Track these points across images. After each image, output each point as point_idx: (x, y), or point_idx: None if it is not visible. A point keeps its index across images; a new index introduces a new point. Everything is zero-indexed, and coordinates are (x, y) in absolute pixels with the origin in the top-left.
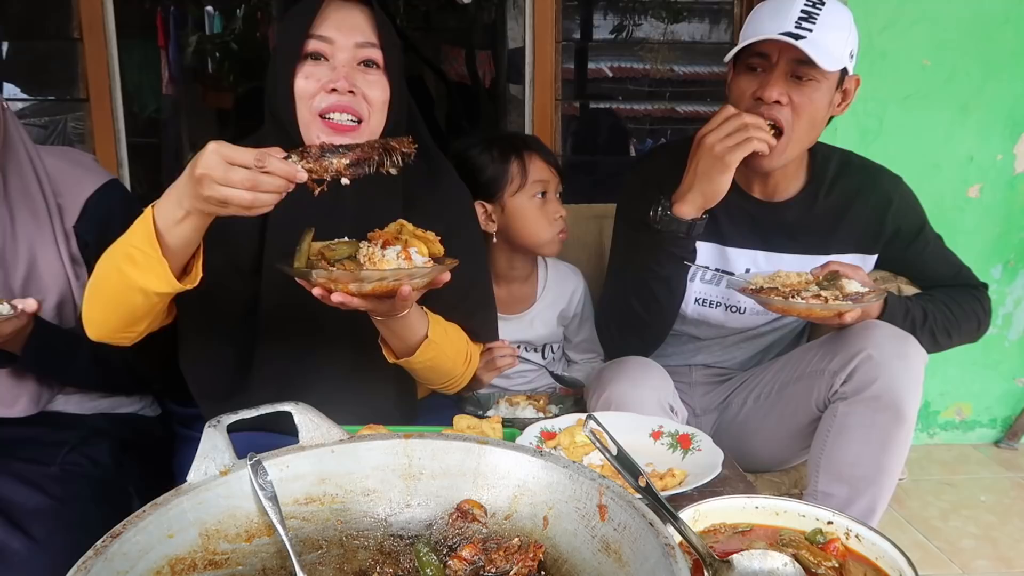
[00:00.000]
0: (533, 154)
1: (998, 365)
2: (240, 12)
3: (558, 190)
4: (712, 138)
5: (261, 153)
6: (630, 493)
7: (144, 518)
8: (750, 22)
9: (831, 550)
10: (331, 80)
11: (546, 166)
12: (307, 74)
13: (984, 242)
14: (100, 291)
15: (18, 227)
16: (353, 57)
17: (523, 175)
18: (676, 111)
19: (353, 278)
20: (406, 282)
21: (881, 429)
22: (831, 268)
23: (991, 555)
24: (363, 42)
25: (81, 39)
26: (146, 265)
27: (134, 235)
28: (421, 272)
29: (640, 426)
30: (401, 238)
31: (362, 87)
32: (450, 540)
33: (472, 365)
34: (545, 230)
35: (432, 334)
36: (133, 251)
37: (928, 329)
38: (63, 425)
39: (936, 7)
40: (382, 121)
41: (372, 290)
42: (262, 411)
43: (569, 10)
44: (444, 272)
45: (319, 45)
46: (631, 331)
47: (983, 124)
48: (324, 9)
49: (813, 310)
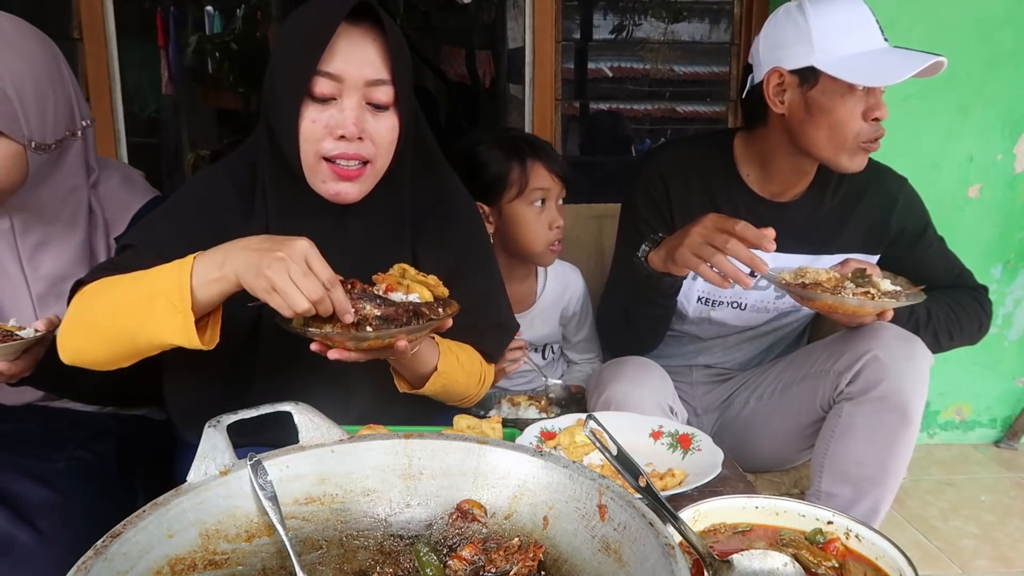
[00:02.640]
0: (536, 161)
1: (998, 365)
2: (240, 12)
3: (560, 197)
4: (696, 233)
5: (333, 278)
6: (630, 493)
7: (144, 518)
8: (828, 36)
9: (831, 550)
10: (339, 125)
11: (548, 174)
12: (314, 117)
13: (984, 242)
14: (97, 326)
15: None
16: (363, 96)
17: (523, 182)
18: (676, 111)
19: (349, 337)
20: (402, 337)
21: (887, 430)
22: (853, 265)
23: (991, 555)
24: (374, 79)
25: (81, 39)
26: (168, 316)
27: (161, 279)
28: (417, 328)
29: (640, 426)
30: (403, 283)
31: (371, 130)
32: (450, 540)
33: (486, 385)
34: (539, 240)
35: (442, 365)
36: (156, 296)
37: (931, 330)
38: (71, 422)
39: (936, 7)
40: (389, 158)
41: (368, 346)
42: (262, 411)
43: (569, 10)
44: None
45: (327, 87)
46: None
47: (983, 124)
48: (334, 37)
49: (865, 307)
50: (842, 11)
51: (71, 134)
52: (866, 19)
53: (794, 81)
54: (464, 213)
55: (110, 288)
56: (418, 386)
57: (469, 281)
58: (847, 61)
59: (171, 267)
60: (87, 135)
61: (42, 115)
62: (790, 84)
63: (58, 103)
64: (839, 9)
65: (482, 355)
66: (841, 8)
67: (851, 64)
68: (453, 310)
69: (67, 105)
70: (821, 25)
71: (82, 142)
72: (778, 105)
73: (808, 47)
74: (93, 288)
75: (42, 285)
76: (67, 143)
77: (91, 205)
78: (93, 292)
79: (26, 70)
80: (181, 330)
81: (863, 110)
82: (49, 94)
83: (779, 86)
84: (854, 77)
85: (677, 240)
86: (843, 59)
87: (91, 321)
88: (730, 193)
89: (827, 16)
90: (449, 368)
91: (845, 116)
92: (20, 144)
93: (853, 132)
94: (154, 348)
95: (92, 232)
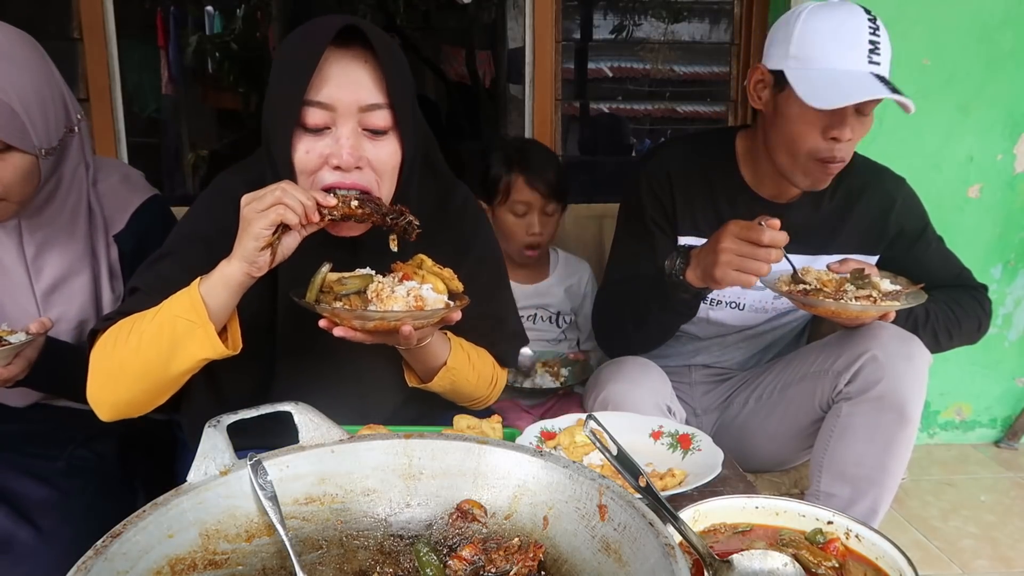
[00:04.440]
0: (519, 176)
1: (998, 365)
2: (240, 12)
3: (547, 209)
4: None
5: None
6: (630, 493)
7: (144, 518)
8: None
9: (831, 550)
10: (334, 155)
11: (529, 189)
12: (308, 148)
13: (984, 242)
14: (125, 369)
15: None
16: (359, 123)
17: (507, 192)
18: (676, 111)
19: (356, 315)
20: (407, 322)
21: (885, 430)
22: (852, 265)
23: (991, 555)
24: (368, 104)
25: (81, 39)
26: (188, 332)
27: (174, 306)
28: (423, 315)
29: (640, 426)
30: (420, 273)
31: (370, 156)
32: (450, 540)
33: (497, 388)
34: (514, 244)
35: (452, 361)
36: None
37: (930, 329)
38: (72, 421)
39: (936, 7)
40: (393, 183)
41: (374, 327)
42: (262, 411)
43: (569, 10)
44: (454, 312)
45: (319, 117)
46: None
47: (983, 124)
48: (322, 64)
49: (868, 311)
50: (832, 24)
51: (69, 131)
52: (855, 38)
53: (771, 80)
54: (476, 227)
55: (127, 329)
56: (427, 381)
57: (482, 292)
58: (813, 74)
59: (180, 294)
60: (81, 128)
61: (46, 121)
62: (768, 83)
63: (56, 104)
64: (831, 22)
65: (496, 359)
66: (833, 21)
67: (813, 78)
68: (463, 303)
69: (62, 104)
70: (804, 32)
71: (78, 137)
72: (756, 100)
73: (786, 50)
74: (110, 335)
75: (45, 284)
76: (67, 139)
77: (90, 204)
78: (111, 339)
79: (28, 81)
80: (205, 341)
81: (823, 127)
82: (48, 99)
83: (760, 82)
84: (801, 90)
85: (710, 258)
86: (811, 71)
87: (118, 366)
88: (731, 193)
89: (815, 25)
90: (459, 364)
91: (802, 128)
92: (33, 155)
93: (808, 146)
94: (185, 371)
95: (92, 231)
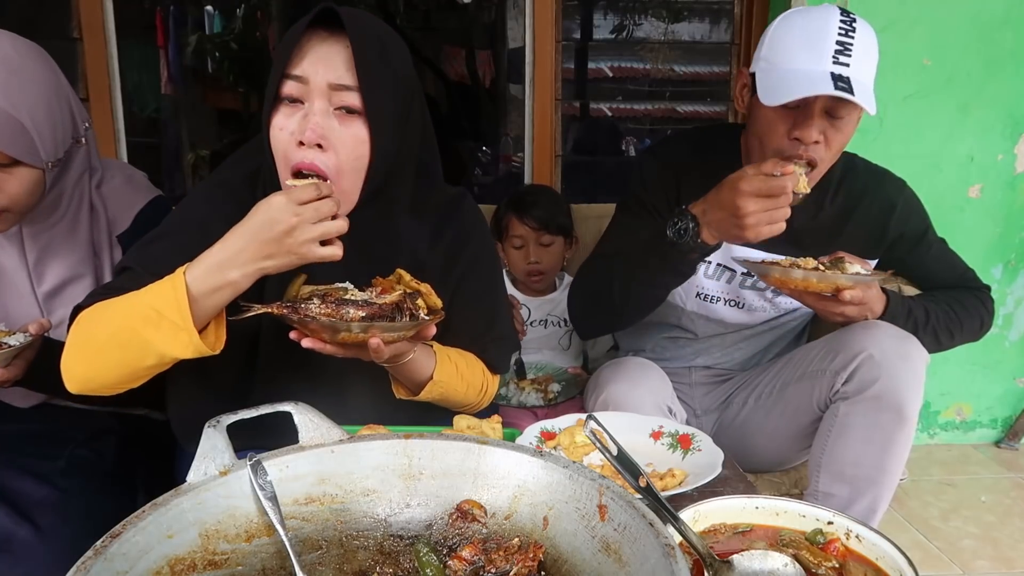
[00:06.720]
0: (512, 216)
1: (998, 365)
2: (240, 12)
3: (540, 241)
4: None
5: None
6: (630, 493)
7: (144, 518)
8: (778, 46)
9: (831, 550)
10: (299, 131)
11: (520, 224)
12: (280, 124)
13: (984, 242)
14: (100, 351)
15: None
16: (328, 101)
17: (507, 229)
18: (676, 111)
19: (325, 325)
20: (376, 335)
21: (882, 429)
22: (838, 254)
23: (991, 555)
24: (337, 84)
25: (81, 39)
26: (170, 332)
27: (157, 299)
28: (391, 328)
29: (640, 426)
30: (398, 288)
31: (334, 138)
32: (450, 540)
33: (488, 395)
34: (516, 270)
35: (438, 374)
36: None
37: (931, 329)
38: (72, 420)
39: (936, 7)
40: (356, 174)
41: (343, 339)
42: (262, 411)
43: (569, 10)
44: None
45: (293, 88)
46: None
47: (983, 124)
48: (304, 42)
49: (809, 280)
50: (800, 25)
51: (76, 141)
52: (820, 38)
53: (750, 82)
54: (473, 226)
55: (108, 312)
56: (416, 393)
57: (475, 294)
58: (775, 74)
59: (164, 284)
60: (88, 137)
61: (54, 135)
62: (748, 85)
63: (63, 116)
64: (800, 23)
65: (486, 365)
66: (802, 23)
67: (774, 77)
68: (437, 317)
69: (70, 115)
70: (775, 34)
71: (85, 146)
72: (740, 104)
73: (760, 53)
74: (90, 313)
75: (47, 288)
76: (72, 150)
77: (93, 204)
78: (91, 318)
79: (38, 96)
80: (188, 346)
81: (788, 127)
82: (56, 111)
83: (745, 86)
84: (759, 88)
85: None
86: (775, 72)
87: (94, 347)
88: None
89: (785, 27)
90: (446, 377)
91: (766, 128)
92: (40, 169)
93: (773, 146)
94: (163, 365)
95: (96, 232)
